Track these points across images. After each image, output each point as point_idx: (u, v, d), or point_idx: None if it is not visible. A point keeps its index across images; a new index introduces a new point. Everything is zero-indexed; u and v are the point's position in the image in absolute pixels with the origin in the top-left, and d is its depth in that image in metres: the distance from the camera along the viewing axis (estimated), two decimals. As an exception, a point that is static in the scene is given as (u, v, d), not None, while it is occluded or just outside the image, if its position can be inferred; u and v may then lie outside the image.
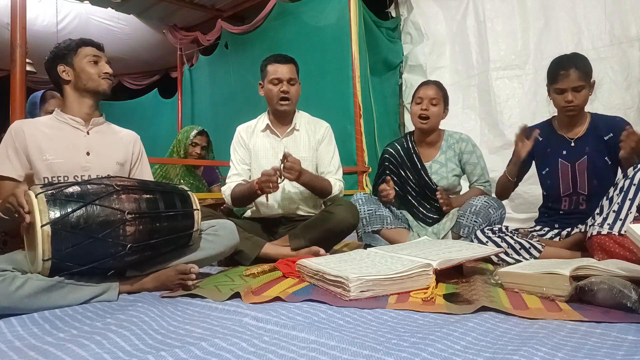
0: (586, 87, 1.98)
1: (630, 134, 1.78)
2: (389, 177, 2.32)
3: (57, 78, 1.68)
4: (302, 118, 2.28)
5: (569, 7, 3.36)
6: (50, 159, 1.58)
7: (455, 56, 4.03)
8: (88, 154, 1.66)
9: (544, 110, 3.29)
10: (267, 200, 2.04)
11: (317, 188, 2.10)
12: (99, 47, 1.73)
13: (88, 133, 1.69)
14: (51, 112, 2.30)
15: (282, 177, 1.89)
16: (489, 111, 3.72)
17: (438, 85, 2.37)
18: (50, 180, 1.56)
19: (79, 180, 1.56)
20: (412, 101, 2.39)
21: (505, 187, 2.24)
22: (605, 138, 2.00)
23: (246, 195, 2.06)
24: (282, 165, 1.88)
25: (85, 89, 1.67)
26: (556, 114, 2.15)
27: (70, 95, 1.69)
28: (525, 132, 2.08)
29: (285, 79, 2.12)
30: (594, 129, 2.04)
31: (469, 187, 2.42)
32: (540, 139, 2.15)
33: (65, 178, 1.59)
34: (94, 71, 1.67)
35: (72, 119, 1.67)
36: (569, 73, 1.96)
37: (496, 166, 3.50)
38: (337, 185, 2.17)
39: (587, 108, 2.09)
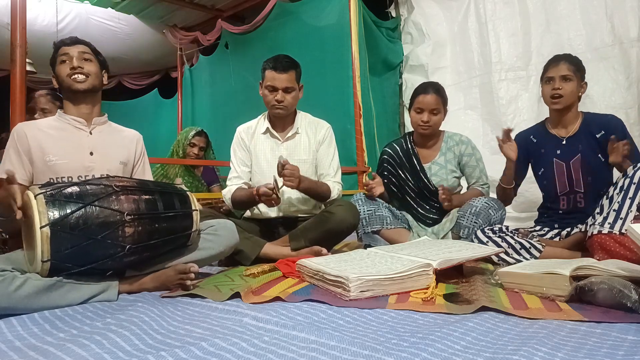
0: (575, 80, 2.01)
1: (616, 146, 1.86)
2: (374, 173, 2.38)
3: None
4: (303, 119, 2.26)
5: (569, 8, 3.37)
6: (54, 160, 1.58)
7: (457, 57, 4.03)
8: (91, 154, 1.66)
9: (547, 111, 3.28)
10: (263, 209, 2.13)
11: (316, 193, 2.12)
12: (70, 42, 1.67)
13: (91, 133, 1.69)
14: (33, 111, 2.31)
15: (281, 186, 1.90)
16: (491, 112, 3.72)
17: (438, 91, 2.28)
18: (54, 181, 1.56)
19: (83, 180, 1.56)
20: (411, 106, 2.34)
21: (505, 194, 2.26)
22: (597, 136, 2.03)
23: (246, 202, 2.10)
24: (279, 172, 1.89)
25: (64, 90, 1.67)
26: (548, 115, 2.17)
27: (65, 99, 1.70)
28: (507, 134, 2.13)
29: (281, 87, 2.07)
30: (586, 127, 2.06)
31: (467, 189, 2.42)
32: (535, 141, 2.16)
33: (69, 179, 1.59)
34: (62, 72, 1.64)
35: (74, 119, 1.68)
36: (558, 63, 2.04)
37: (499, 167, 3.50)
38: (335, 189, 2.17)
39: (589, 107, 2.11)
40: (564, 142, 2.07)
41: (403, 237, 2.28)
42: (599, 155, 2.02)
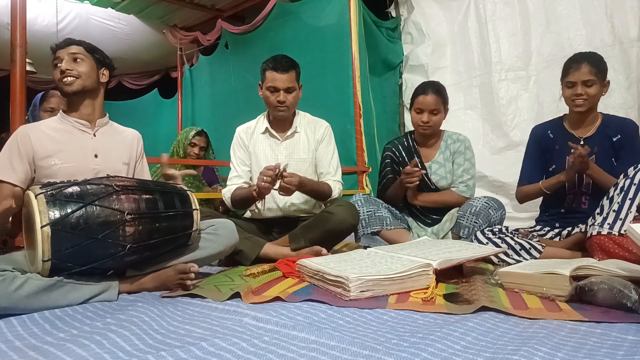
0: (597, 83, 1.96)
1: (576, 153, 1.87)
2: (415, 160, 2.22)
3: None
4: (302, 119, 2.27)
5: (569, 8, 3.36)
6: (59, 163, 1.57)
7: (457, 57, 4.02)
8: (96, 156, 1.65)
9: (547, 111, 3.30)
10: (263, 206, 2.10)
11: (317, 194, 2.12)
12: (62, 45, 1.66)
13: (94, 135, 1.69)
14: (51, 110, 2.31)
15: (276, 187, 1.89)
16: (491, 112, 3.72)
17: (437, 91, 2.27)
18: None
19: (83, 180, 1.55)
20: (411, 106, 2.34)
21: (535, 197, 2.19)
22: (614, 139, 2.00)
23: (244, 199, 2.09)
24: (279, 181, 1.87)
25: (60, 93, 1.68)
26: (567, 112, 2.15)
27: (66, 101, 1.70)
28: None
29: (282, 88, 2.07)
30: (604, 129, 2.04)
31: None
32: (552, 136, 2.14)
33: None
34: (55, 76, 1.63)
35: (77, 122, 1.67)
36: (580, 66, 1.97)
37: (499, 167, 3.52)
38: (336, 188, 2.18)
39: None
40: (581, 143, 2.05)
41: (403, 237, 2.28)
42: (612, 159, 2.01)
